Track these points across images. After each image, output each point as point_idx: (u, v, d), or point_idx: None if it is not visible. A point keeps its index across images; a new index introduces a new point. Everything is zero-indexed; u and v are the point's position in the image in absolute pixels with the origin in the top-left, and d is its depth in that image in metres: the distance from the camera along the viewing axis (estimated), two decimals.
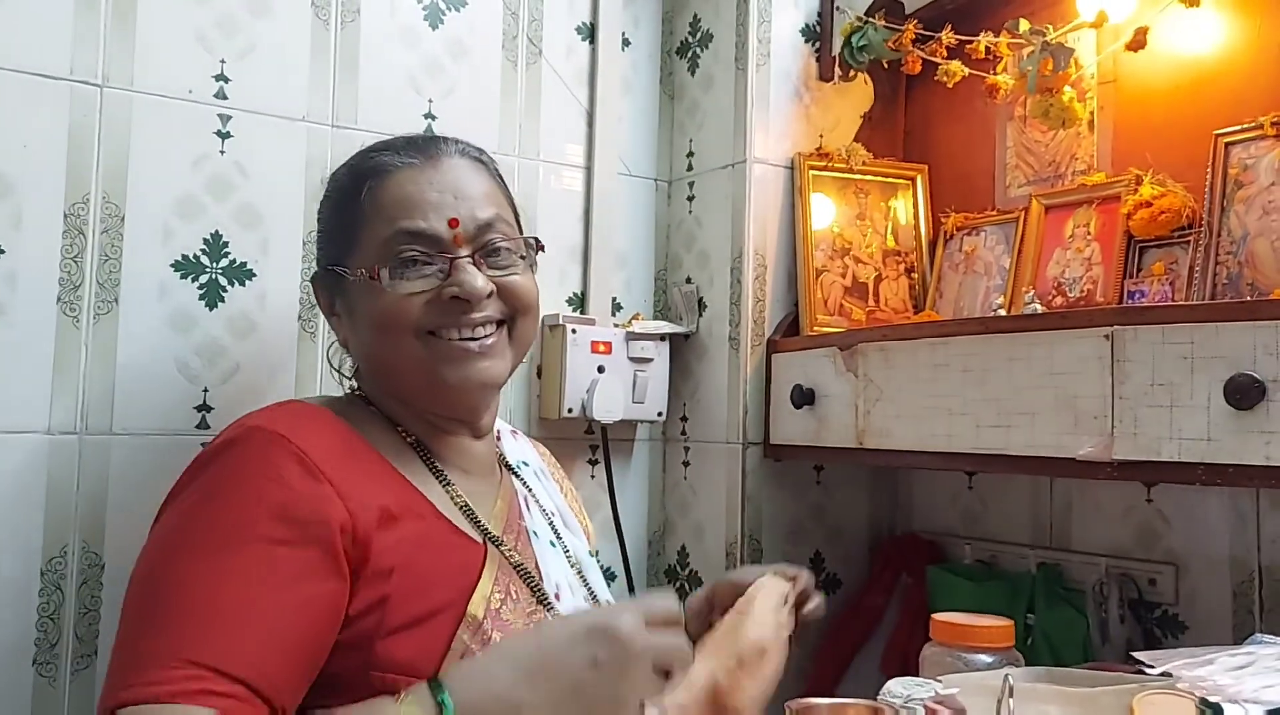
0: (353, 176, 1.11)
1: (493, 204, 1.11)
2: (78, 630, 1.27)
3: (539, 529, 1.16)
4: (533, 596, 1.07)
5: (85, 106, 1.29)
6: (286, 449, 0.96)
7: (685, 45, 1.80)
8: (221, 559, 0.91)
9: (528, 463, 1.28)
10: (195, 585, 0.90)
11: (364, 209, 1.08)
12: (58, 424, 1.27)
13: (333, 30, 1.47)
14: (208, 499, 0.96)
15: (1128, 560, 1.40)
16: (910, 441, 1.32)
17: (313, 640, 0.92)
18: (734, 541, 1.61)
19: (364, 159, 1.13)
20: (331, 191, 1.15)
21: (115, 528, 1.29)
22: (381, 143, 1.15)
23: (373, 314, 1.07)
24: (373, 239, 1.07)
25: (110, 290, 1.30)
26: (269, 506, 0.93)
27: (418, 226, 1.06)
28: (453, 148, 1.13)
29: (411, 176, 1.08)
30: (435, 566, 1.00)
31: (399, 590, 0.96)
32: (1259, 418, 0.99)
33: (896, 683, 1.00)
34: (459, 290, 1.05)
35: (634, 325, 1.68)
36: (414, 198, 1.07)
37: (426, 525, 1.03)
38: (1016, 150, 1.59)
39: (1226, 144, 1.28)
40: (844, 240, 1.66)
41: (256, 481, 0.95)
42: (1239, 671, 0.79)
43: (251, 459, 0.97)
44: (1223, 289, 1.24)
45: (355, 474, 1.00)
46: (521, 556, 1.10)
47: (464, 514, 1.08)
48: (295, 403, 1.13)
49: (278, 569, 0.91)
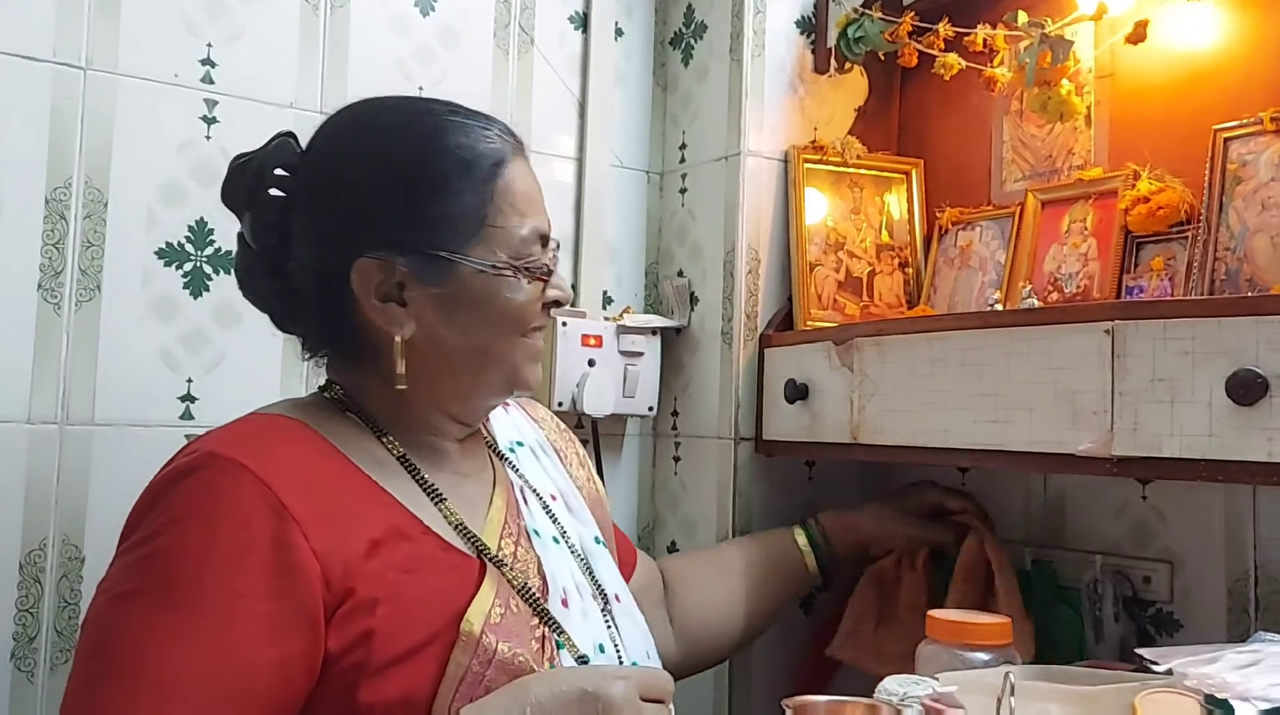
0: (475, 155, 1.01)
1: None
2: (56, 625, 1.24)
3: (539, 526, 1.10)
4: (532, 611, 1.01)
5: (68, 89, 1.27)
6: (248, 483, 0.88)
7: (679, 36, 1.78)
8: (172, 616, 0.84)
9: (522, 442, 1.22)
10: (145, 645, 0.84)
11: (493, 196, 1.01)
12: (38, 414, 1.24)
13: (322, 15, 1.45)
14: (159, 544, 0.87)
15: (1123, 557, 1.39)
16: (906, 437, 1.30)
17: (275, 700, 0.86)
18: (724, 537, 1.59)
19: (475, 135, 1.03)
20: (438, 162, 1.01)
21: (96, 520, 1.26)
22: (459, 113, 1.05)
23: (499, 309, 1.02)
24: (506, 232, 1.01)
25: (93, 277, 1.28)
26: (224, 553, 0.86)
27: (544, 228, 1.05)
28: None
29: (524, 168, 1.06)
30: (425, 592, 0.93)
31: (386, 623, 0.90)
32: (1261, 413, 0.98)
33: (892, 680, 0.98)
34: (560, 294, 1.07)
35: (625, 319, 1.67)
36: (534, 194, 1.06)
37: (414, 547, 0.96)
38: (1013, 144, 1.57)
39: (1225, 139, 1.27)
40: (838, 234, 1.64)
41: (210, 523, 0.87)
42: (1246, 669, 0.78)
43: (205, 495, 0.88)
44: (1221, 285, 1.24)
45: (329, 502, 0.92)
46: (524, 566, 1.04)
47: (457, 531, 1.00)
48: (259, 417, 1.01)
49: (236, 628, 0.84)
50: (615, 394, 1.62)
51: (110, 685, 0.83)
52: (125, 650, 0.84)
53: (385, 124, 1.04)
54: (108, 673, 0.83)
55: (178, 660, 0.83)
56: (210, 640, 0.84)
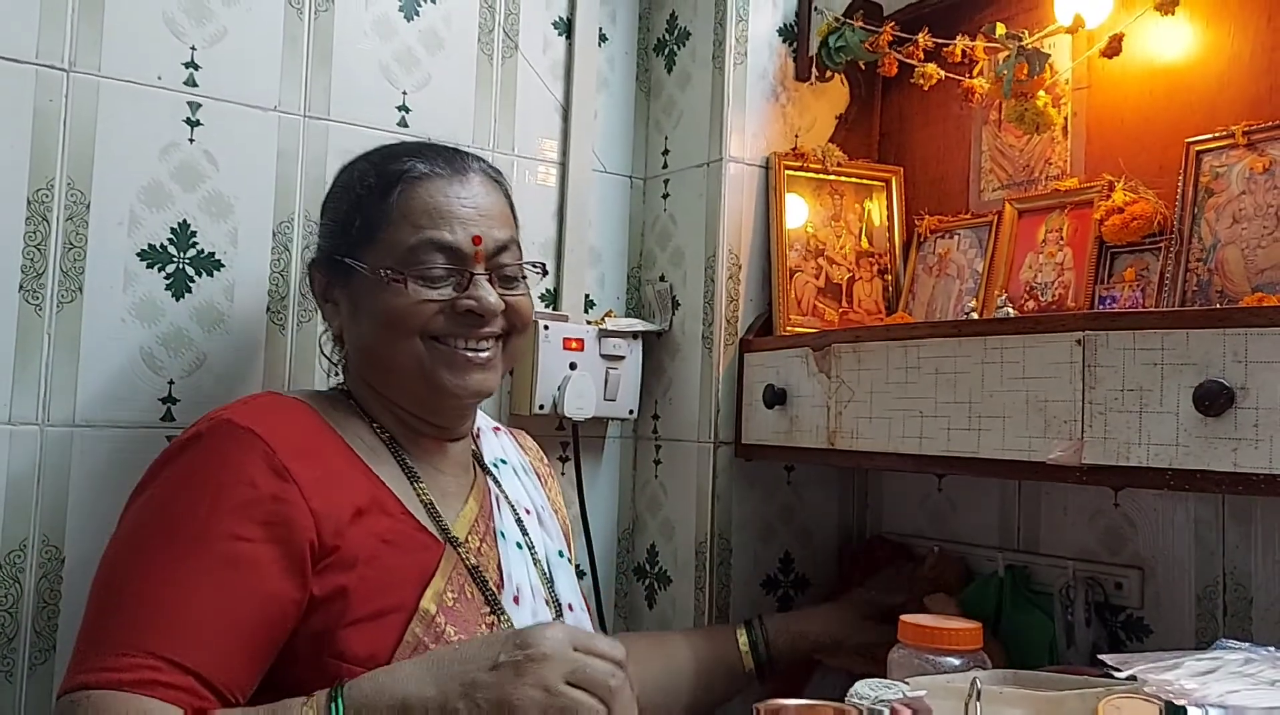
0: (381, 176, 1.14)
1: (508, 226, 1.18)
2: (36, 625, 1.24)
3: (507, 530, 1.19)
4: (484, 600, 1.10)
5: (50, 91, 1.27)
6: (254, 445, 0.99)
7: (662, 42, 1.79)
8: (181, 554, 0.94)
9: (505, 460, 1.30)
10: (156, 579, 0.94)
11: (392, 210, 1.11)
12: (18, 414, 1.24)
13: (306, 19, 1.45)
14: (173, 494, 0.99)
15: (1094, 564, 1.41)
16: (881, 443, 1.32)
17: (266, 634, 0.96)
18: (704, 541, 1.60)
19: (393, 160, 1.15)
20: (352, 184, 1.17)
21: (76, 521, 1.27)
22: (406, 146, 1.20)
23: (383, 312, 1.10)
24: (396, 241, 1.11)
25: (74, 279, 1.28)
26: (232, 505, 0.96)
27: (445, 238, 1.11)
28: (477, 165, 1.18)
29: (441, 187, 1.13)
30: (398, 563, 1.04)
31: (362, 582, 1.00)
32: (1227, 424, 1.00)
33: (864, 684, 1.00)
34: (476, 305, 1.11)
35: (607, 322, 1.68)
36: (443, 209, 1.12)
37: (393, 522, 1.07)
38: (991, 154, 1.59)
39: (1199, 152, 1.29)
40: (818, 241, 1.66)
41: (221, 479, 0.98)
42: (1205, 676, 0.79)
43: (217, 454, 1.00)
44: (1193, 296, 1.25)
45: (324, 470, 1.03)
46: (483, 558, 1.13)
47: (428, 513, 1.11)
48: (269, 395, 1.15)
49: (236, 565, 0.95)
50: (596, 397, 1.64)
51: (121, 615, 0.92)
52: (136, 586, 0.94)
53: (357, 159, 1.21)
54: (119, 606, 0.93)
55: (186, 593, 0.93)
56: (215, 577, 0.94)
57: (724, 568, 1.60)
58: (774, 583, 1.65)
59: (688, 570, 1.63)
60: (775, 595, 1.65)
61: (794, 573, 1.68)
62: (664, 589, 1.68)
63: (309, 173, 1.44)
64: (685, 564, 1.63)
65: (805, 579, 1.69)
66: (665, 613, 1.66)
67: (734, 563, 1.61)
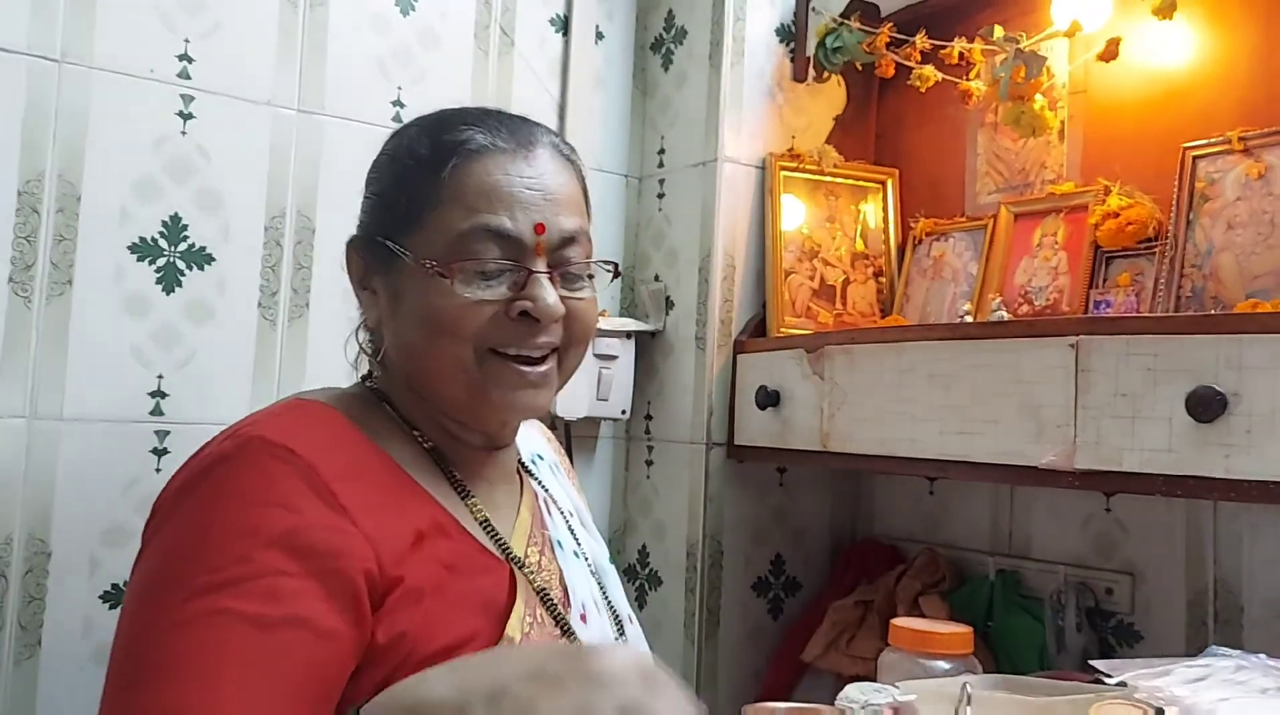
0: (435, 147, 0.96)
1: (578, 214, 0.99)
2: (21, 620, 1.23)
3: (563, 538, 1.06)
4: (554, 623, 0.96)
5: (42, 82, 1.26)
6: (293, 465, 0.84)
7: (659, 41, 1.78)
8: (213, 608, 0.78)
9: (542, 456, 1.17)
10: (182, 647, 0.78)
11: (442, 189, 0.94)
12: (6, 408, 1.23)
13: (301, 13, 1.45)
14: (198, 531, 0.83)
15: (1086, 569, 1.40)
16: (874, 446, 1.31)
17: (321, 691, 0.81)
18: (695, 542, 1.60)
19: (448, 128, 0.97)
20: (400, 154, 0.99)
21: (62, 516, 1.26)
22: (466, 112, 1.00)
23: (428, 311, 0.93)
24: (446, 226, 0.93)
25: (64, 272, 1.27)
26: (270, 536, 0.81)
27: (503, 225, 0.92)
28: (547, 138, 0.99)
29: (502, 164, 0.95)
30: (463, 590, 0.90)
31: (430, 615, 0.86)
32: (1219, 431, 0.99)
33: (854, 688, 0.99)
34: (533, 307, 0.93)
35: (600, 322, 1.67)
36: (503, 189, 0.94)
37: (453, 545, 0.92)
38: (987, 157, 1.59)
39: (1194, 158, 1.29)
40: (813, 242, 1.65)
41: (256, 507, 0.82)
42: (1196, 683, 0.79)
43: (248, 478, 0.84)
44: (1187, 302, 1.25)
45: (376, 493, 0.89)
46: (547, 575, 1.00)
47: (485, 531, 0.96)
48: (297, 403, 0.97)
49: (283, 605, 0.79)
50: (589, 397, 1.63)
51: (145, 694, 0.76)
52: (159, 656, 0.77)
53: (410, 123, 1.03)
54: (143, 682, 0.77)
55: (222, 662, 0.77)
56: (257, 637, 0.78)
57: (715, 569, 1.60)
58: (765, 585, 1.65)
59: (679, 571, 1.62)
60: (766, 597, 1.65)
61: (785, 575, 1.67)
62: (655, 590, 1.67)
63: (301, 167, 1.44)
64: (676, 565, 1.63)
65: (796, 581, 1.68)
66: (656, 614, 1.65)
67: (725, 564, 1.61)
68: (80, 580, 1.27)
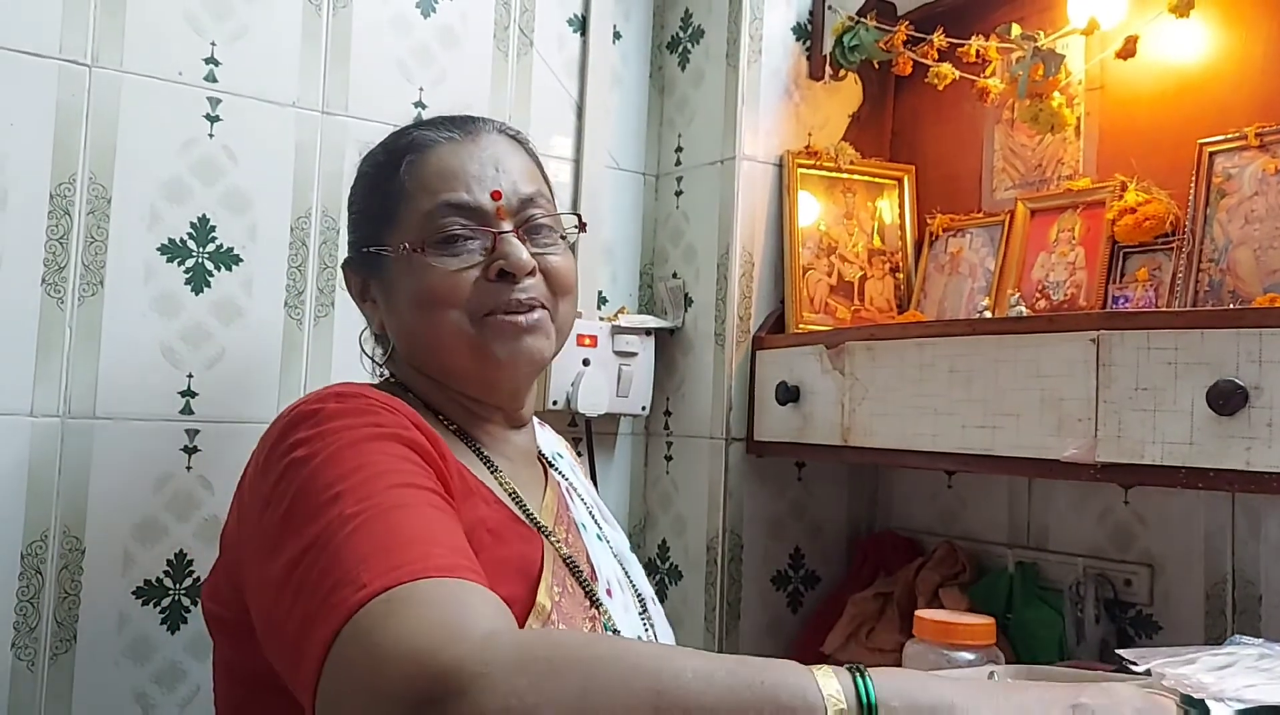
0: (389, 153, 1.08)
1: (533, 180, 1.08)
2: (57, 615, 1.26)
3: (585, 521, 1.13)
4: (584, 593, 1.02)
5: (73, 86, 1.28)
6: (378, 400, 0.91)
7: (676, 40, 1.80)
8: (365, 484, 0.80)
9: (562, 455, 1.24)
10: (370, 512, 0.77)
11: (404, 183, 1.04)
12: (40, 407, 1.25)
13: (324, 16, 1.46)
14: (326, 438, 0.85)
15: (1104, 561, 1.42)
16: (895, 440, 1.33)
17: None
18: (715, 536, 1.61)
19: (400, 136, 1.09)
20: (366, 170, 1.11)
21: (96, 512, 1.28)
22: (415, 122, 1.14)
23: (416, 291, 1.02)
24: (414, 213, 1.03)
25: (96, 273, 1.29)
26: (389, 434, 0.86)
27: (461, 198, 1.02)
28: (491, 125, 1.10)
29: (453, 150, 1.05)
30: (502, 555, 0.94)
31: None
32: (1240, 423, 1.01)
33: None
34: (505, 263, 1.01)
35: (619, 319, 1.69)
36: (455, 169, 1.04)
37: (491, 511, 0.98)
38: (1003, 154, 1.60)
39: (1211, 153, 1.30)
40: (830, 239, 1.67)
41: (367, 414, 0.88)
42: (1221, 671, 0.80)
43: (348, 406, 0.89)
44: (1204, 296, 1.26)
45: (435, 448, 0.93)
46: (573, 550, 1.05)
47: (514, 502, 1.03)
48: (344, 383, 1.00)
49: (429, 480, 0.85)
50: (609, 393, 1.65)
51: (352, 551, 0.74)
52: (350, 529, 0.76)
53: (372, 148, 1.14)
54: (347, 544, 0.75)
55: (403, 495, 0.80)
56: (422, 495, 0.82)
57: (735, 563, 1.62)
58: (784, 578, 1.67)
59: (699, 565, 1.64)
60: (786, 590, 1.67)
61: (804, 568, 1.69)
62: (675, 584, 1.69)
63: (326, 168, 1.45)
64: (696, 559, 1.65)
65: (815, 574, 1.70)
66: (676, 608, 1.67)
67: (745, 558, 1.63)
68: (114, 576, 1.29)
